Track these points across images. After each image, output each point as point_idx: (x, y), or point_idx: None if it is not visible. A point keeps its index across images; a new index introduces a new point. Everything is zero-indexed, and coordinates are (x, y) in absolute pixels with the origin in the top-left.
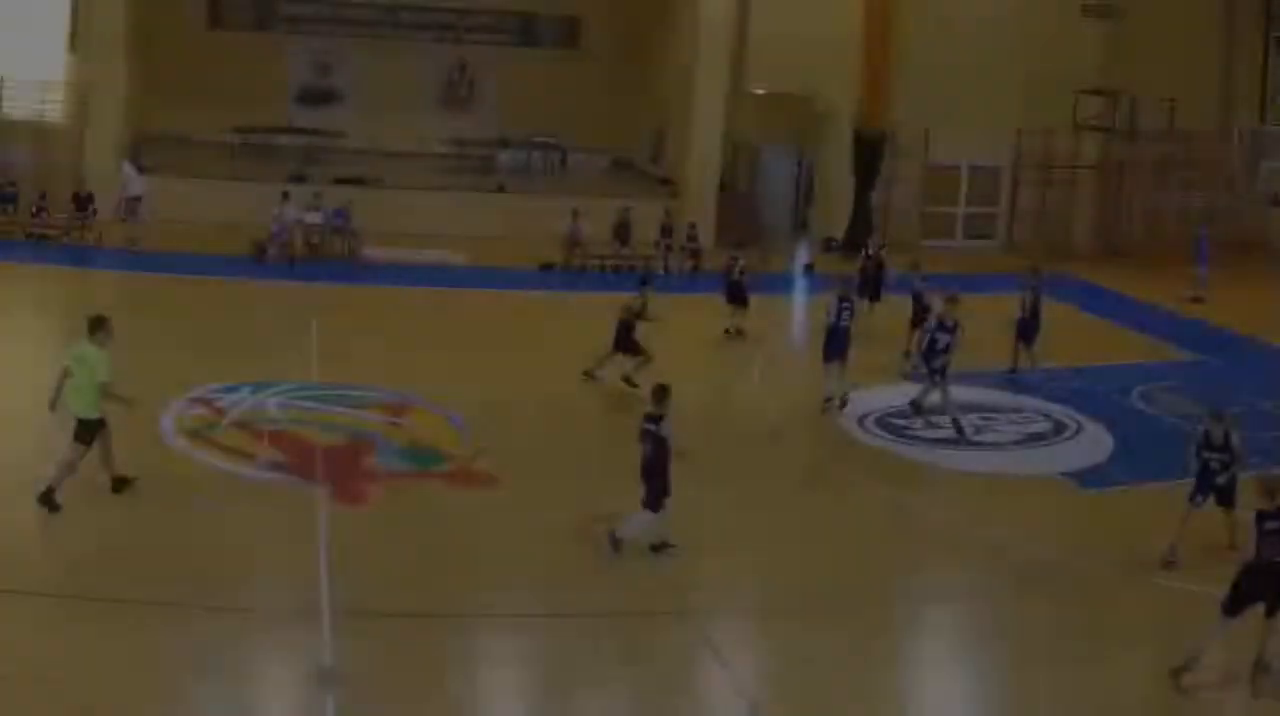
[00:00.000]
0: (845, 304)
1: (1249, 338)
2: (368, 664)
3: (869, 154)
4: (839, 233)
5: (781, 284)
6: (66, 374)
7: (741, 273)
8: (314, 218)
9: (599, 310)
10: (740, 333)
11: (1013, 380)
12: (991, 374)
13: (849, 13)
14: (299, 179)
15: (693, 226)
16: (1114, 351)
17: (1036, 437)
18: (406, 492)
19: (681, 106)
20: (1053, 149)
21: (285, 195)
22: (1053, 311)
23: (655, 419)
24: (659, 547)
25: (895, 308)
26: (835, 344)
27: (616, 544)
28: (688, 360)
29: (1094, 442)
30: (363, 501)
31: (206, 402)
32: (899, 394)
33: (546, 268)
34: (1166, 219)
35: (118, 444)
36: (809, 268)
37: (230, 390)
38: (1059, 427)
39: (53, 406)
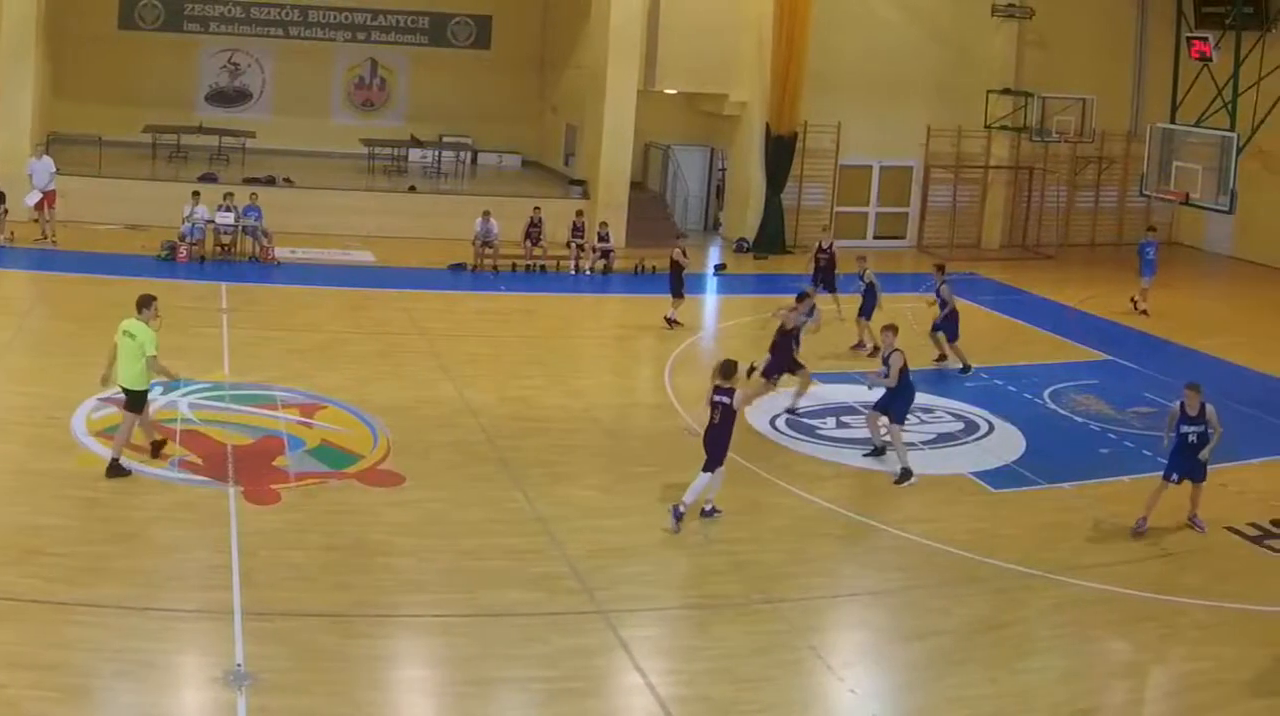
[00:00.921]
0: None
1: (1160, 337)
2: (279, 664)
3: (780, 153)
4: (750, 233)
5: (693, 284)
6: (115, 349)
7: (684, 260)
8: (225, 217)
9: (509, 310)
10: (677, 323)
11: (941, 375)
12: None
13: (760, 12)
14: (210, 179)
15: (604, 226)
16: (1025, 351)
17: (948, 437)
18: (318, 492)
19: (593, 106)
20: (964, 149)
21: (196, 195)
22: (964, 311)
23: (727, 392)
24: (709, 512)
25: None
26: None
27: (679, 517)
28: (597, 358)
29: (1005, 443)
30: (274, 501)
31: (118, 403)
32: (810, 393)
33: (458, 268)
34: (1078, 218)
35: (31, 442)
36: (720, 267)
37: None
38: (970, 428)
39: (104, 381)
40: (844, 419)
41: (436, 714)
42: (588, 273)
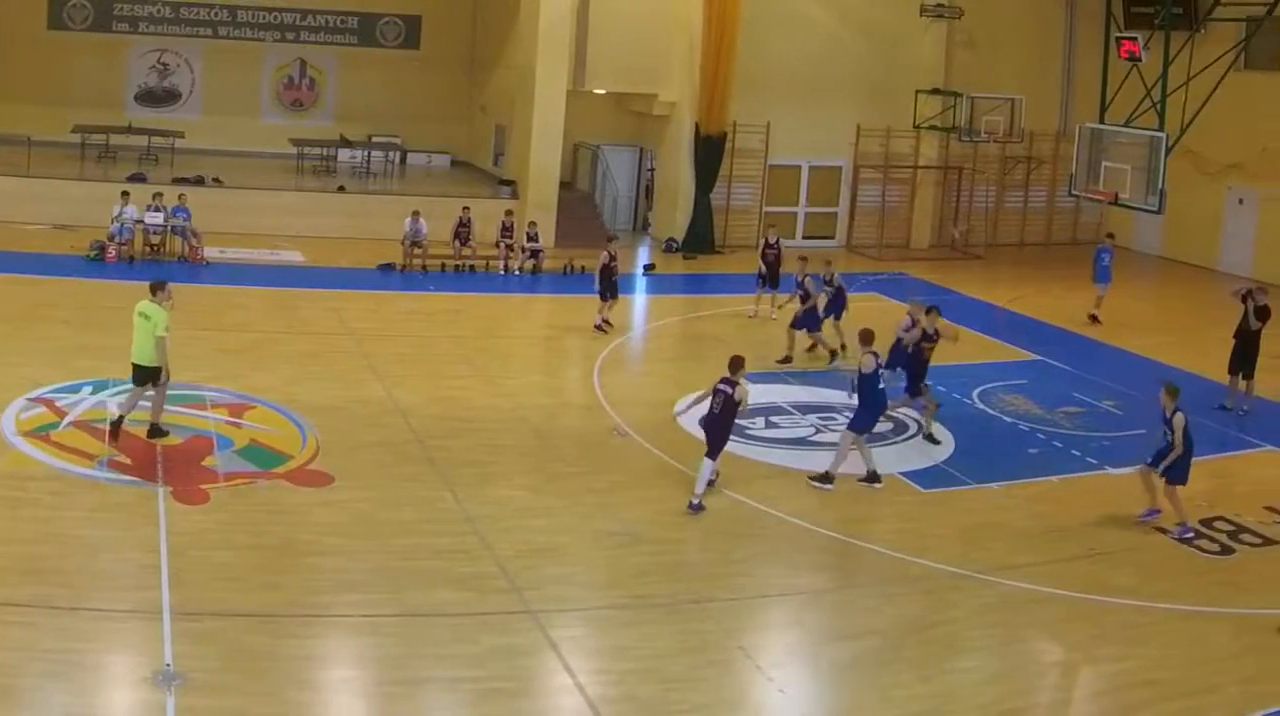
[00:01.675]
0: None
1: (1090, 338)
2: (207, 664)
3: (709, 153)
4: (679, 233)
5: (623, 284)
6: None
7: (615, 263)
8: (154, 217)
9: (438, 310)
10: (609, 324)
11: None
12: (833, 373)
13: (690, 13)
14: (139, 179)
15: (533, 225)
16: (954, 351)
17: (877, 438)
18: (247, 492)
19: (522, 106)
20: (893, 149)
21: (125, 195)
22: (892, 311)
23: (731, 383)
24: (698, 507)
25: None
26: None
27: (698, 508)
28: (526, 358)
29: (934, 443)
30: (203, 501)
31: (47, 403)
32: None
33: (387, 268)
34: (1007, 218)
35: None
36: (649, 268)
37: (70, 390)
38: (900, 428)
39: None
40: (773, 419)
41: (365, 714)
42: (517, 273)
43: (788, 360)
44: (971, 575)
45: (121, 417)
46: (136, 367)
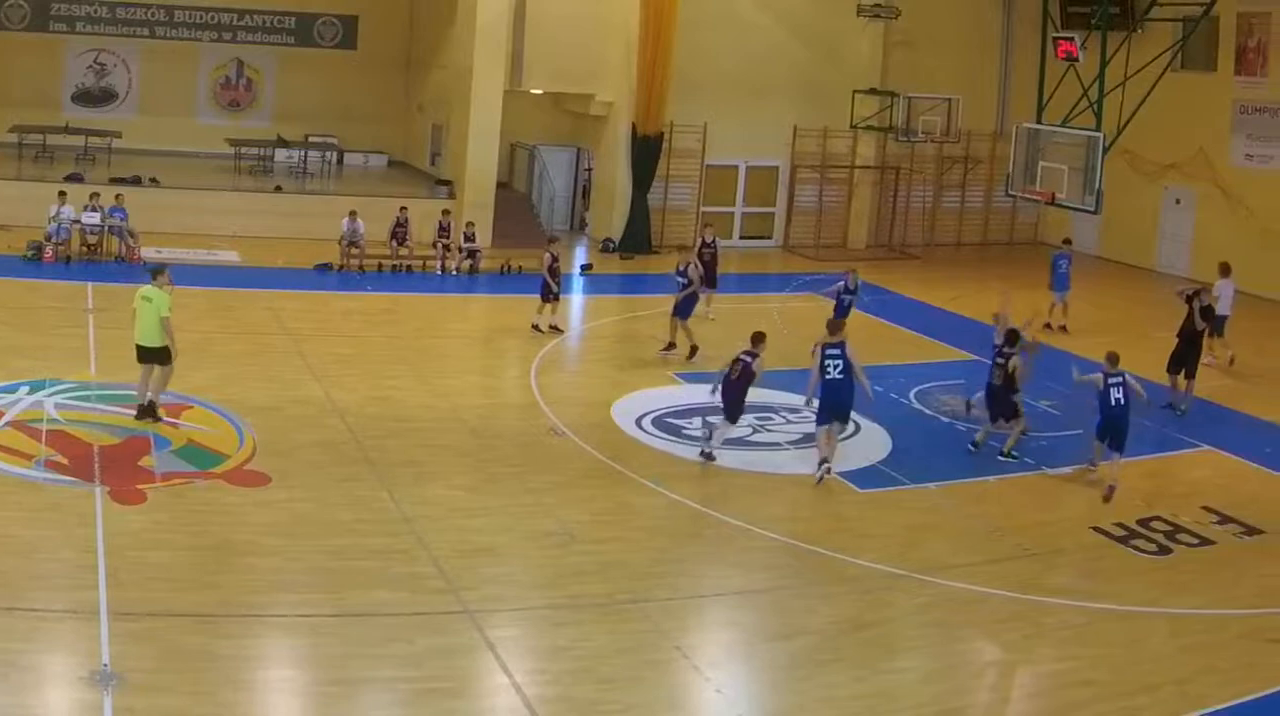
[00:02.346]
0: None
1: (1026, 337)
2: (144, 664)
3: (646, 154)
4: (616, 233)
5: (560, 284)
6: (135, 313)
7: (558, 263)
8: (91, 217)
9: (375, 311)
10: (555, 328)
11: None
12: (769, 373)
13: (626, 13)
14: (76, 179)
15: (470, 226)
16: (891, 351)
17: (814, 438)
18: (184, 492)
19: (459, 106)
20: (830, 149)
21: (62, 195)
22: (828, 312)
23: (752, 354)
24: (708, 457)
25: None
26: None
27: (709, 457)
28: (463, 358)
29: (871, 443)
30: (140, 501)
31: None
32: (676, 393)
33: (324, 268)
34: (944, 218)
35: None
36: (587, 268)
37: (7, 390)
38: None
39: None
40: (710, 419)
41: (302, 714)
42: (454, 273)
43: (671, 347)
44: (909, 575)
45: (139, 404)
46: (143, 349)
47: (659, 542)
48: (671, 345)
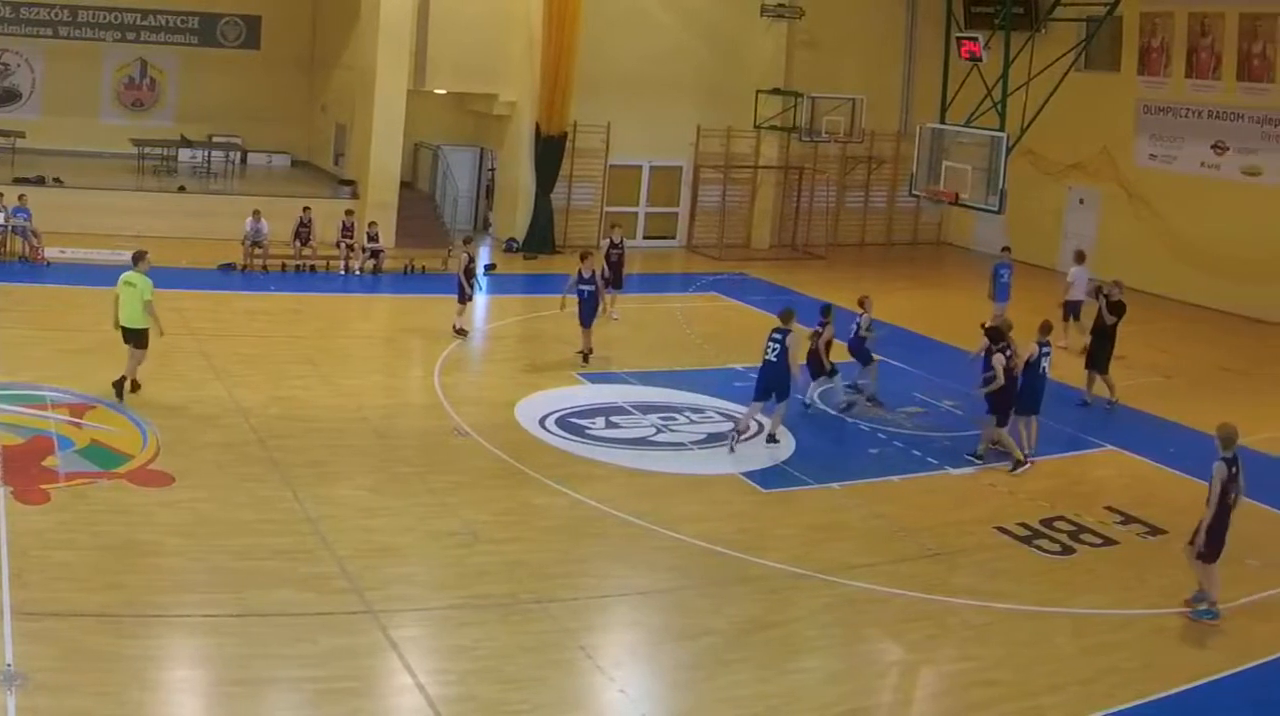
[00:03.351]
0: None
1: (931, 338)
2: (49, 664)
3: (550, 154)
4: (520, 233)
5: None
6: (117, 296)
7: (472, 265)
8: None
9: (279, 310)
10: (460, 331)
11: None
12: (673, 373)
13: (530, 13)
14: None
15: (373, 225)
16: (795, 352)
17: (717, 437)
18: (88, 492)
19: (362, 106)
20: (734, 149)
21: None
22: (732, 311)
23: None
24: (772, 439)
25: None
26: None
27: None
28: (367, 358)
29: (775, 443)
30: (43, 501)
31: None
32: (580, 393)
33: (227, 268)
34: (848, 218)
35: None
36: (490, 267)
37: None
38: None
39: (116, 325)
40: (614, 419)
41: (206, 714)
42: (357, 273)
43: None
44: (812, 575)
45: (123, 379)
46: (127, 330)
47: (562, 542)
48: (590, 352)
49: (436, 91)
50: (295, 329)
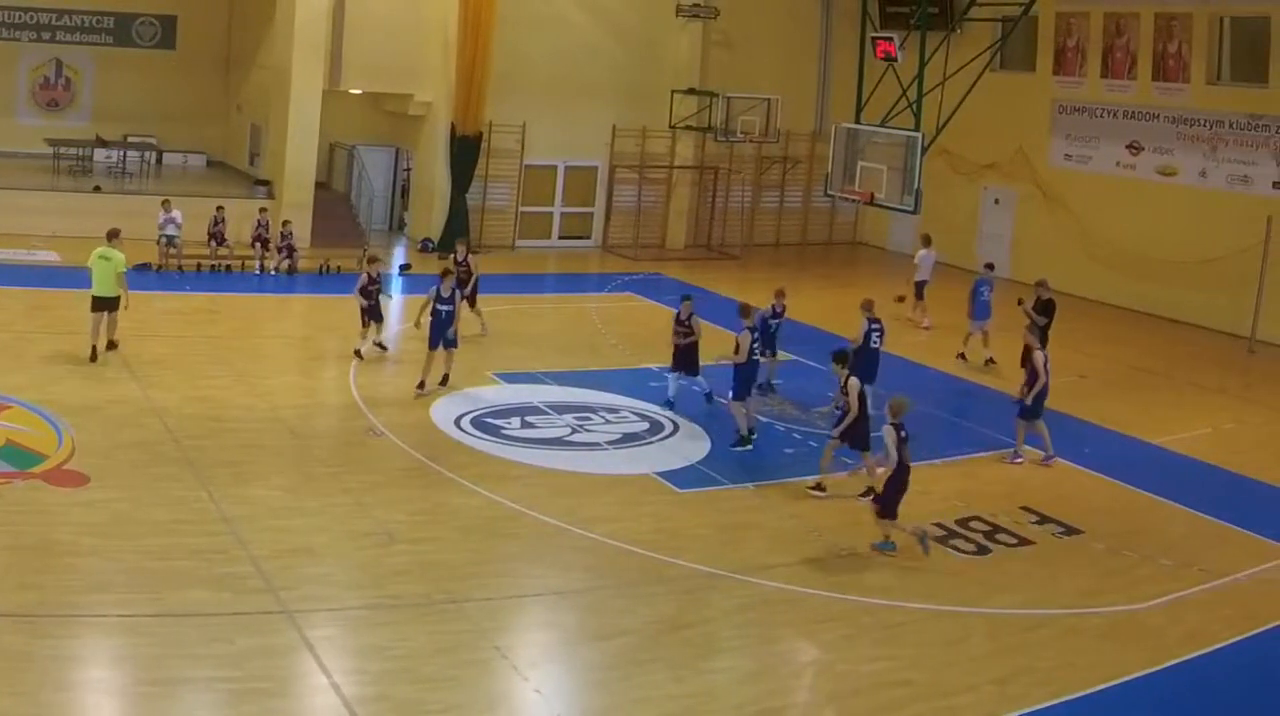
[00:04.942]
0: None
1: (846, 339)
2: None
3: (465, 154)
4: (435, 233)
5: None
6: (92, 270)
7: (376, 285)
8: None
9: (194, 310)
10: (379, 346)
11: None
12: (589, 373)
13: (445, 13)
14: None
15: (288, 225)
16: (708, 351)
17: (632, 437)
18: (3, 493)
19: (278, 106)
20: (649, 149)
21: None
22: (648, 311)
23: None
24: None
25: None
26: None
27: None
28: (282, 358)
29: (690, 443)
30: None
31: None
32: (496, 393)
33: (142, 267)
34: (763, 219)
35: None
36: (405, 268)
37: None
38: (655, 428)
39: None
40: (529, 419)
41: (121, 714)
42: (273, 272)
43: (446, 379)
44: (727, 575)
45: (95, 347)
46: (100, 298)
47: (477, 542)
48: (446, 378)
49: (352, 91)
50: (211, 329)
